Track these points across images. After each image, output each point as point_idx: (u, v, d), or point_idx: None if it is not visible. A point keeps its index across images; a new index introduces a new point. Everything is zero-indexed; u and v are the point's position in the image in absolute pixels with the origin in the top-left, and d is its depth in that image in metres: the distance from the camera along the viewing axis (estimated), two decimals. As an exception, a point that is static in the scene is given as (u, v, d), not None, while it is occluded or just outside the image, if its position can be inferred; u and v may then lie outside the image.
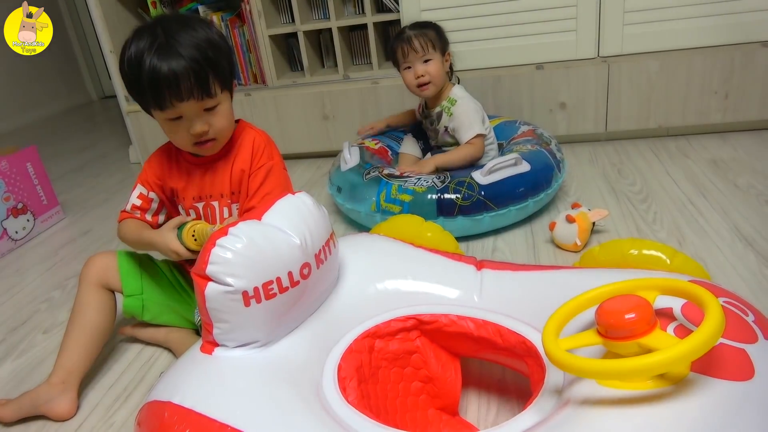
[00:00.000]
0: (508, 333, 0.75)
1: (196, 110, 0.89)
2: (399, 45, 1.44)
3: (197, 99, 0.87)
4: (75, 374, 0.96)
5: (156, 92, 0.85)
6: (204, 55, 0.86)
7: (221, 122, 0.92)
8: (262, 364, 0.70)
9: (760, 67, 1.68)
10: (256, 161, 0.98)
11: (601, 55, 1.77)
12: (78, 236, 1.71)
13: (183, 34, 0.85)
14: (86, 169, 2.40)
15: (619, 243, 0.79)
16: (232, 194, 1.00)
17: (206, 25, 0.90)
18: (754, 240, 1.20)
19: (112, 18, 2.10)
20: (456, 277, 0.84)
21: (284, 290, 0.71)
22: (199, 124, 0.90)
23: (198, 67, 0.85)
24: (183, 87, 0.85)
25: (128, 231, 1.01)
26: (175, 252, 0.91)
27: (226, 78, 0.91)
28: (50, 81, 3.71)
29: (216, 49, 0.88)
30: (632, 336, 0.53)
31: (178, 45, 0.84)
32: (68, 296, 1.34)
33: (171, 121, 0.90)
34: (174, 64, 0.83)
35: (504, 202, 1.29)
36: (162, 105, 0.87)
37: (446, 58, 1.46)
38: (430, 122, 1.54)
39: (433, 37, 1.43)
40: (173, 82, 0.84)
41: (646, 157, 1.71)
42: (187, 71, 0.84)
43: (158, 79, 0.84)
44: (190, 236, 0.90)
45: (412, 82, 1.46)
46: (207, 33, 0.88)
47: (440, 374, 0.84)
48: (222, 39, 0.91)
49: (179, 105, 0.87)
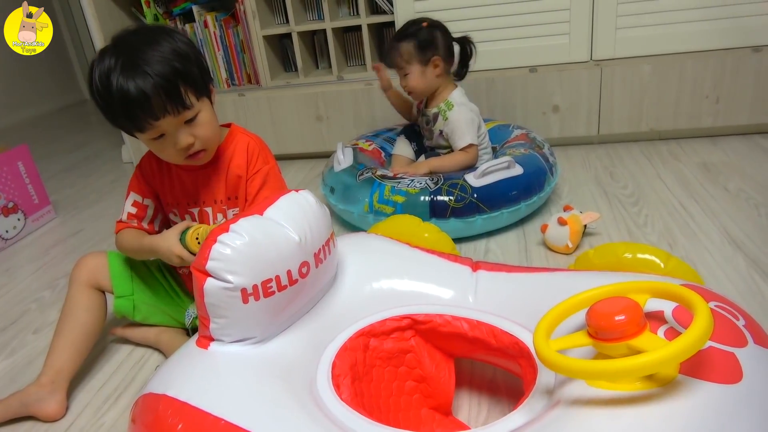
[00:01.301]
0: (501, 334, 0.76)
1: (176, 125, 0.86)
2: (386, 55, 1.50)
3: (173, 114, 0.84)
4: (64, 374, 0.95)
5: (129, 114, 0.83)
6: (172, 68, 0.83)
7: (205, 131, 0.90)
8: (258, 361, 0.70)
9: (750, 73, 1.70)
10: (252, 166, 0.97)
11: (594, 59, 1.78)
12: (69, 236, 1.70)
13: (147, 50, 0.82)
14: (78, 169, 2.39)
15: (613, 246, 0.80)
16: (228, 200, 0.99)
17: (170, 36, 0.86)
18: (743, 243, 1.21)
19: (105, 17, 2.09)
20: (451, 278, 0.85)
21: (283, 288, 0.71)
22: (184, 138, 0.87)
23: (166, 82, 0.82)
24: (155, 105, 0.82)
25: (127, 240, 0.99)
26: (179, 256, 0.89)
27: (199, 85, 0.88)
28: (43, 79, 3.69)
29: (183, 59, 0.85)
30: (622, 338, 0.53)
31: (142, 62, 0.81)
32: (58, 296, 1.34)
33: (155, 140, 0.88)
34: (141, 82, 0.80)
35: (496, 205, 1.30)
36: (139, 126, 0.85)
37: (434, 63, 1.43)
38: (426, 121, 1.54)
39: (407, 51, 1.42)
40: (144, 101, 0.81)
41: (638, 161, 1.73)
42: (155, 88, 0.81)
43: (128, 100, 0.81)
44: (194, 240, 0.88)
45: (402, 88, 1.51)
46: (171, 44, 0.85)
47: (434, 374, 0.84)
48: (189, 46, 0.88)
49: (156, 123, 0.84)
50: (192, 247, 0.88)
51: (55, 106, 3.78)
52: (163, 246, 0.90)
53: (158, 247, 0.91)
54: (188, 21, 2.12)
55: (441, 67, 1.45)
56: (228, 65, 2.12)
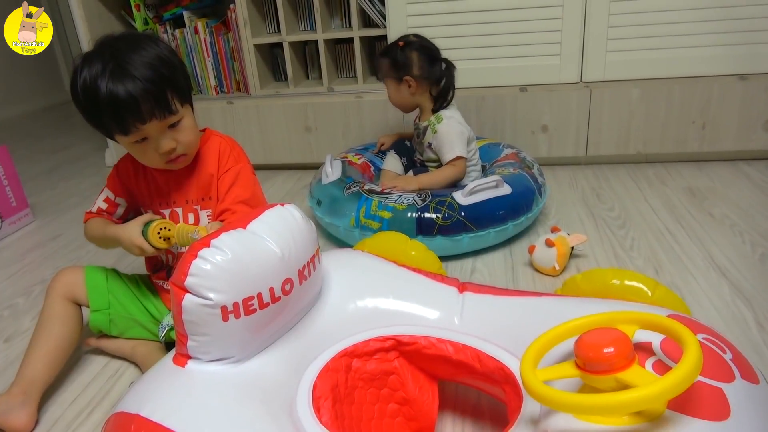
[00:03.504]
0: (486, 358, 0.74)
1: (160, 129, 0.88)
2: None
3: (159, 118, 0.86)
4: (37, 386, 0.92)
5: (117, 117, 0.84)
6: (159, 74, 0.85)
7: (187, 136, 0.92)
8: (236, 381, 0.68)
9: (736, 100, 1.72)
10: (223, 164, 0.99)
11: (584, 80, 1.79)
12: (47, 241, 1.66)
13: (133, 56, 0.84)
14: (60, 171, 2.35)
15: (601, 272, 0.79)
16: (201, 200, 1.00)
17: (154, 43, 0.89)
18: (727, 270, 1.21)
19: (94, 19, 2.06)
20: (437, 299, 0.84)
21: (265, 306, 0.69)
22: (166, 142, 0.89)
23: (154, 87, 0.84)
24: (144, 108, 0.84)
25: (93, 228, 1.02)
26: (139, 247, 0.91)
27: (184, 92, 0.91)
28: (27, 78, 3.63)
29: (169, 66, 0.87)
30: (610, 370, 0.52)
31: (131, 67, 0.83)
32: (33, 303, 1.30)
33: (137, 144, 0.90)
34: (130, 86, 0.82)
35: (484, 224, 1.29)
36: (125, 130, 0.86)
37: (407, 82, 1.45)
38: (417, 134, 1.55)
39: (385, 66, 1.49)
40: (133, 105, 0.83)
41: (624, 183, 1.73)
42: (145, 92, 0.83)
43: (117, 103, 0.82)
44: (155, 234, 0.90)
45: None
46: (157, 51, 0.87)
47: (417, 397, 0.82)
48: (172, 54, 0.91)
49: (142, 127, 0.86)
50: (153, 240, 0.90)
51: (38, 106, 3.72)
52: (125, 236, 0.93)
53: (120, 237, 0.94)
54: (178, 26, 2.11)
55: (414, 86, 1.46)
56: (217, 72, 2.10)
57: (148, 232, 0.90)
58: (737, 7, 1.64)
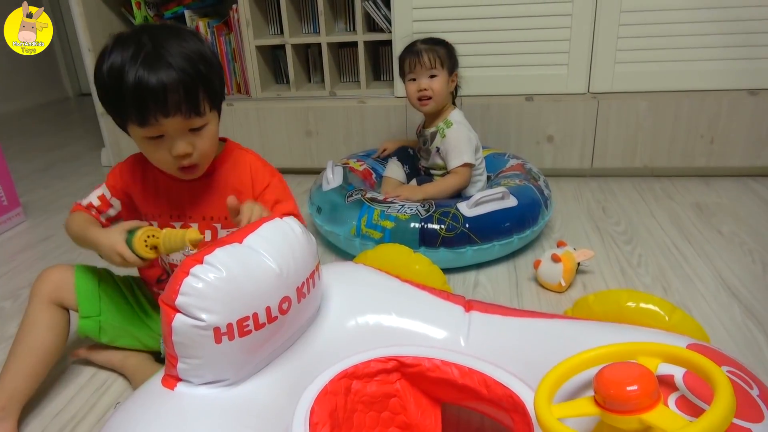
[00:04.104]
0: (494, 384, 0.70)
1: (181, 129, 0.80)
2: (408, 57, 1.44)
3: (184, 116, 0.78)
4: (17, 399, 0.87)
5: (139, 105, 0.76)
6: (195, 69, 0.78)
7: (206, 145, 0.83)
8: (229, 406, 0.64)
9: (746, 115, 1.69)
10: (259, 182, 0.91)
11: (591, 91, 1.76)
12: (38, 242, 1.62)
13: (173, 44, 0.77)
14: (54, 170, 2.30)
15: (615, 294, 0.75)
16: (225, 219, 0.91)
17: (198, 38, 0.82)
18: (738, 291, 1.18)
19: (93, 16, 2.02)
20: (443, 318, 0.79)
21: (260, 327, 0.65)
22: (182, 145, 0.80)
23: (189, 79, 0.76)
24: (170, 100, 0.76)
25: (76, 223, 0.92)
26: (120, 255, 0.81)
27: (216, 97, 0.83)
28: (25, 74, 3.58)
29: (208, 64, 0.80)
30: (634, 411, 0.48)
31: (168, 54, 0.76)
32: (20, 308, 1.25)
33: (151, 140, 0.81)
34: (163, 75, 0.75)
35: (488, 237, 1.25)
36: (144, 120, 0.77)
37: (453, 78, 1.45)
38: (423, 141, 1.51)
39: (442, 54, 1.42)
40: (161, 94, 0.75)
41: (630, 197, 1.70)
42: (176, 83, 0.75)
43: (144, 90, 0.74)
44: (142, 243, 0.81)
45: (414, 95, 1.44)
46: (199, 46, 0.80)
47: (419, 421, 0.78)
48: (214, 55, 0.84)
49: (164, 121, 0.77)
50: (139, 249, 0.81)
51: (35, 102, 3.67)
52: (106, 242, 0.83)
53: (100, 242, 0.84)
54: (179, 25, 2.07)
55: (456, 84, 1.46)
56: (218, 73, 2.06)
57: (133, 240, 0.81)
58: (748, 21, 1.61)
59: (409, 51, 1.45)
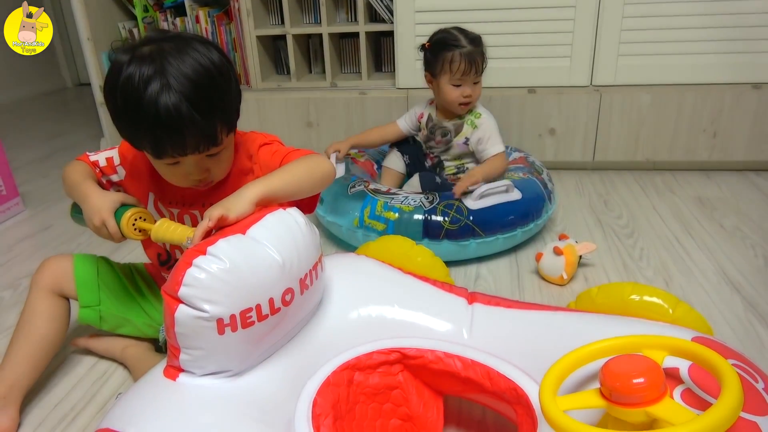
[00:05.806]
0: (497, 377, 0.70)
1: (198, 159, 0.77)
2: (456, 58, 1.34)
3: (201, 152, 0.76)
4: (18, 389, 0.87)
5: (156, 144, 0.73)
6: (214, 105, 0.73)
7: (222, 167, 0.82)
8: (231, 397, 0.63)
9: (749, 109, 1.68)
10: (257, 151, 0.88)
11: (594, 84, 1.75)
12: (37, 231, 1.61)
13: (191, 74, 0.71)
14: (53, 159, 2.28)
15: (619, 287, 0.75)
16: None
17: (213, 52, 0.75)
18: (740, 285, 1.18)
19: (92, 5, 2.00)
20: (445, 310, 0.79)
21: (263, 318, 0.64)
22: (199, 171, 0.79)
23: (207, 121, 0.73)
24: (189, 143, 0.73)
25: (77, 171, 0.89)
26: (103, 221, 0.79)
27: (233, 120, 0.80)
28: (23, 63, 3.55)
29: (226, 94, 0.76)
30: (640, 403, 0.48)
31: (187, 90, 0.70)
32: (20, 298, 1.25)
33: (166, 165, 0.78)
34: (186, 116, 0.70)
35: (492, 230, 1.25)
36: (160, 156, 0.75)
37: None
38: (442, 133, 1.46)
39: (485, 60, 1.39)
40: (177, 137, 0.72)
41: (632, 190, 1.69)
42: (197, 125, 0.72)
43: (162, 131, 0.71)
44: (130, 222, 0.79)
45: (457, 99, 1.38)
46: (219, 67, 0.74)
47: (421, 413, 0.78)
48: (230, 67, 0.78)
49: (180, 158, 0.76)
50: (125, 229, 0.79)
51: (34, 92, 3.65)
52: (96, 201, 0.81)
53: (90, 198, 0.82)
54: (179, 15, 2.05)
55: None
56: (218, 63, 2.05)
57: (122, 219, 0.79)
58: (752, 14, 1.60)
59: (460, 53, 1.34)
